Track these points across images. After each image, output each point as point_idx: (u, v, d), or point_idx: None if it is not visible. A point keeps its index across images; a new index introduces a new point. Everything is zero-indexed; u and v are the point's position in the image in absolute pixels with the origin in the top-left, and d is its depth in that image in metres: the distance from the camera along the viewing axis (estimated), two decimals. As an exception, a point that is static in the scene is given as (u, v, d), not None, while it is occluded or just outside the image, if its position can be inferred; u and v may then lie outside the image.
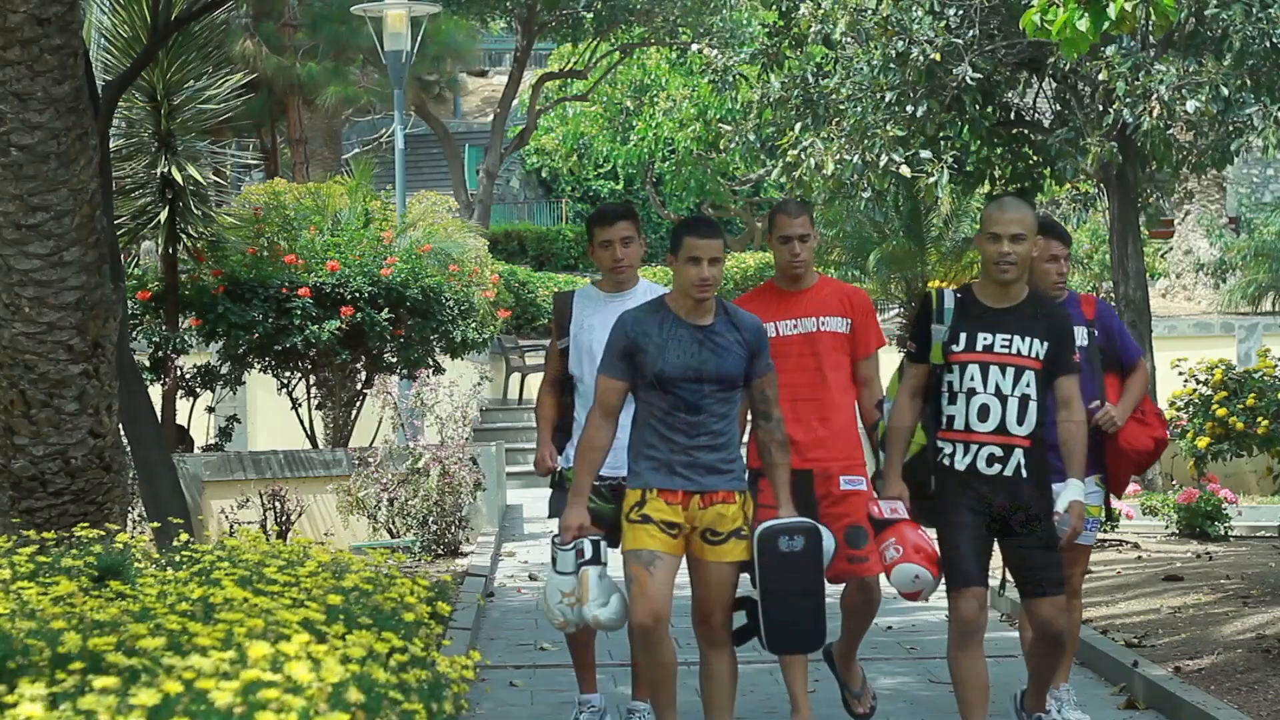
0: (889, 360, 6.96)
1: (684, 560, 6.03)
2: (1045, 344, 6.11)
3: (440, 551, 12.63)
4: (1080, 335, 6.75)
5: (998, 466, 6.09)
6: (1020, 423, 6.07)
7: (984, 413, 6.08)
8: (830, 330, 6.81)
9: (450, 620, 9.02)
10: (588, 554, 5.95)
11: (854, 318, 6.86)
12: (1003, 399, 6.07)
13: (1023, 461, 6.08)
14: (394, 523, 12.81)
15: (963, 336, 6.15)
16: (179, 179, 13.29)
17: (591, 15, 27.11)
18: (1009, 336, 6.12)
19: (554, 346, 6.98)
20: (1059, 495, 6.11)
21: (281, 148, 27.16)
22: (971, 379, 6.10)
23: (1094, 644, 8.38)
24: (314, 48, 25.18)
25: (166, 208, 13.44)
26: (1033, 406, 6.09)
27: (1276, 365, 14.32)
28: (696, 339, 5.91)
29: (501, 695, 8.05)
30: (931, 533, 6.22)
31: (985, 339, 6.13)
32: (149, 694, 3.49)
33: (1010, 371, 6.08)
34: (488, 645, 9.25)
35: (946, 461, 6.13)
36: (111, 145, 11.45)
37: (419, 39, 20.91)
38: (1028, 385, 6.08)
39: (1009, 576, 6.37)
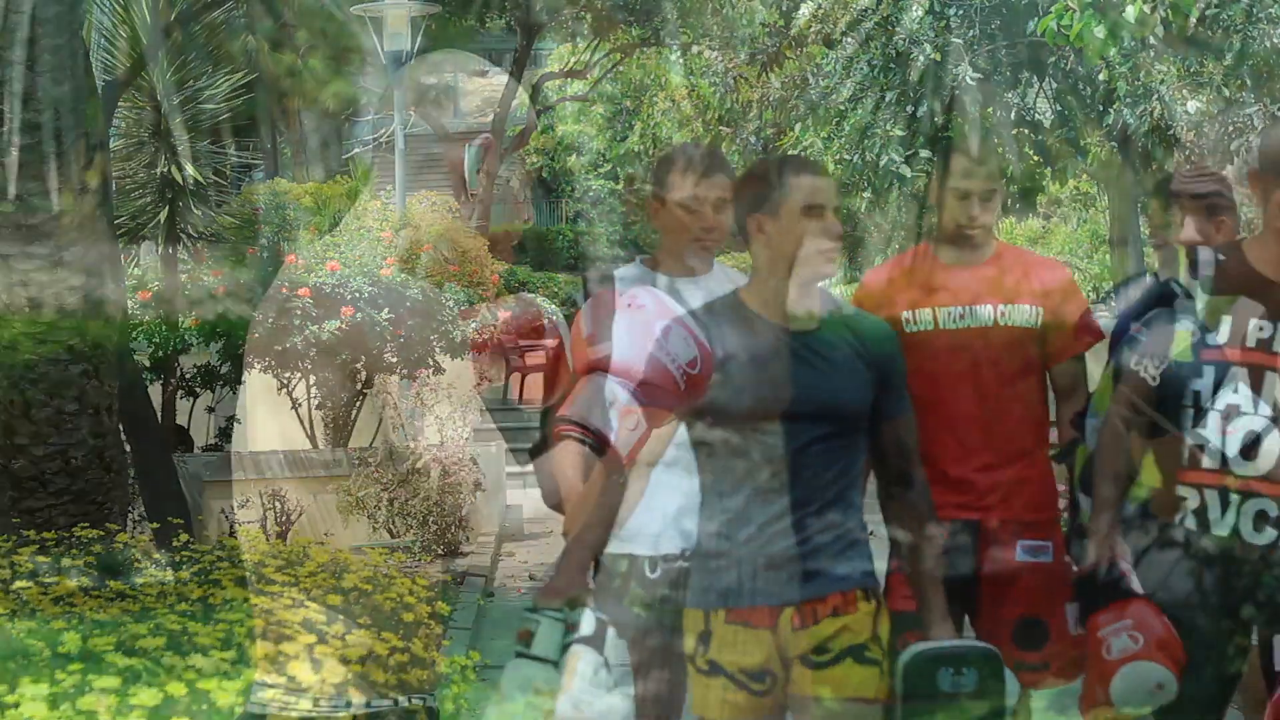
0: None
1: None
2: None
3: (440, 551, 12.62)
4: None
5: (1271, 532, 3.87)
6: None
7: (1251, 445, 3.86)
8: (1011, 324, 4.54)
9: (450, 620, 9.01)
10: (586, 630, 3.56)
11: (1046, 304, 4.56)
12: None
13: None
14: (394, 523, 12.79)
15: (1225, 323, 3.93)
16: (179, 179, 13.29)
17: (590, 17, 27.11)
18: None
19: (584, 359, 3.89)
20: None
21: (281, 148, 27.14)
22: (1234, 391, 3.89)
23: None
24: (314, 47, 25.16)
25: (166, 208, 13.44)
26: None
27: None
28: (796, 352, 3.70)
29: (502, 695, 8.03)
30: None
31: (1262, 330, 3.90)
32: (149, 694, 3.49)
33: None
34: (488, 645, 9.24)
35: (1194, 521, 3.92)
36: (111, 145, 11.45)
37: (419, 39, 20.90)
38: None
39: None
